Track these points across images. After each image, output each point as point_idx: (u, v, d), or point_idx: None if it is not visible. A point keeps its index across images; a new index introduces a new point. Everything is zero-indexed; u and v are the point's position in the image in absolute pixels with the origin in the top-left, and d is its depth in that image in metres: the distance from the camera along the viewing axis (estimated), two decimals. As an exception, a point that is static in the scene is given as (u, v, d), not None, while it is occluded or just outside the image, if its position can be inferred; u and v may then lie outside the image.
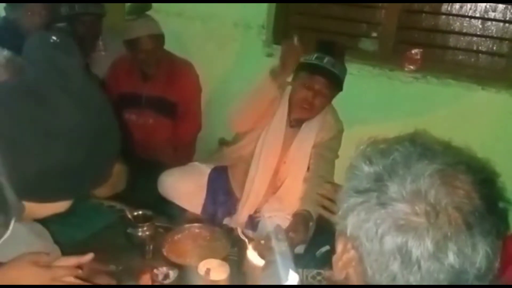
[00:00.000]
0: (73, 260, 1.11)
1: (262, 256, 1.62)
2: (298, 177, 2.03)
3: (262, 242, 1.69)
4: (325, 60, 1.91)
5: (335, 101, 2.02)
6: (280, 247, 1.38)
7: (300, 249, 1.86)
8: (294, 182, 2.04)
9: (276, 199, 2.11)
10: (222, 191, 2.19)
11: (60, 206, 0.78)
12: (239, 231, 1.81)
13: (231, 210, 2.15)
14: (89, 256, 1.13)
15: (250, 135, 2.08)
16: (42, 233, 1.46)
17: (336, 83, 1.95)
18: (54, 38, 0.65)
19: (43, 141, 0.63)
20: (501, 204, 0.64)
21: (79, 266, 1.12)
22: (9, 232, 0.78)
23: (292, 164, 2.06)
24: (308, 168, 2.02)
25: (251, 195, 2.06)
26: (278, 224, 1.73)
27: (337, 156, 2.07)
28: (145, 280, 1.56)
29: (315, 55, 1.93)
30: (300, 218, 1.80)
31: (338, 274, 0.70)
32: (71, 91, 0.64)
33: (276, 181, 2.11)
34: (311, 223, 1.82)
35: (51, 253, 1.21)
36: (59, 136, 0.64)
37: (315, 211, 1.82)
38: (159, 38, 2.36)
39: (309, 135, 2.03)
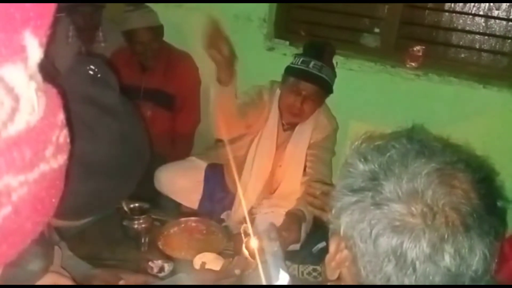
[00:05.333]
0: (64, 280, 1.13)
1: (253, 256, 1.61)
2: (294, 179, 2.03)
3: (254, 243, 1.68)
4: (311, 64, 1.85)
5: (335, 98, 2.00)
6: (272, 246, 1.38)
7: (296, 245, 1.85)
8: (290, 184, 2.04)
9: (274, 197, 2.11)
10: (219, 188, 2.18)
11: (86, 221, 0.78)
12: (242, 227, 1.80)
13: (228, 206, 2.14)
14: None
15: (243, 139, 2.06)
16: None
17: (324, 87, 1.90)
18: (92, 67, 0.64)
19: (80, 172, 0.63)
20: (499, 203, 0.62)
21: None
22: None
23: (287, 166, 2.05)
24: (305, 169, 2.01)
25: (244, 199, 2.05)
26: (271, 223, 1.73)
27: (333, 154, 2.05)
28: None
29: (301, 59, 1.88)
30: (293, 218, 1.79)
31: (330, 274, 0.68)
32: (110, 124, 0.64)
33: (272, 183, 2.10)
34: (304, 223, 1.81)
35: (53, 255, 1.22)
36: (96, 167, 0.64)
37: (310, 211, 1.81)
38: (157, 30, 2.34)
39: (303, 137, 2.01)
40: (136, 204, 1.81)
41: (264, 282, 1.22)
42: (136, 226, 1.77)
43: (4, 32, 0.26)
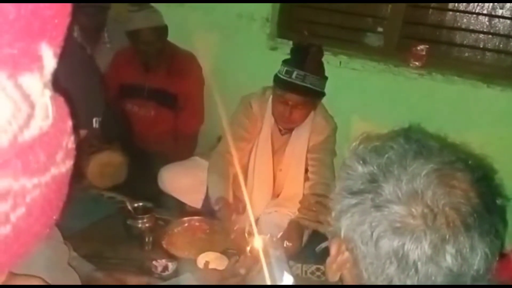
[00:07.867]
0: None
1: (258, 256, 1.61)
2: (295, 182, 2.03)
3: (258, 244, 1.69)
4: (294, 74, 1.80)
5: (338, 97, 1.99)
6: (275, 254, 1.39)
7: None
8: (292, 187, 2.04)
9: (278, 199, 2.11)
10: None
11: None
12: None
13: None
14: None
15: (245, 148, 2.06)
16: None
17: (310, 95, 1.86)
18: None
19: None
20: (499, 202, 0.62)
21: None
22: None
23: (288, 170, 2.05)
24: (307, 172, 2.00)
25: (251, 206, 2.05)
26: (271, 235, 1.73)
27: (335, 155, 2.05)
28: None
29: (285, 69, 1.83)
30: (295, 226, 1.79)
31: (332, 276, 0.68)
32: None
33: (276, 188, 2.11)
34: (306, 230, 1.81)
35: (59, 253, 1.21)
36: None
37: (313, 217, 1.81)
38: (161, 30, 2.34)
39: (301, 140, 2.00)
40: (140, 204, 1.82)
41: (269, 283, 1.22)
42: (140, 225, 1.77)
43: (23, 42, 0.28)
